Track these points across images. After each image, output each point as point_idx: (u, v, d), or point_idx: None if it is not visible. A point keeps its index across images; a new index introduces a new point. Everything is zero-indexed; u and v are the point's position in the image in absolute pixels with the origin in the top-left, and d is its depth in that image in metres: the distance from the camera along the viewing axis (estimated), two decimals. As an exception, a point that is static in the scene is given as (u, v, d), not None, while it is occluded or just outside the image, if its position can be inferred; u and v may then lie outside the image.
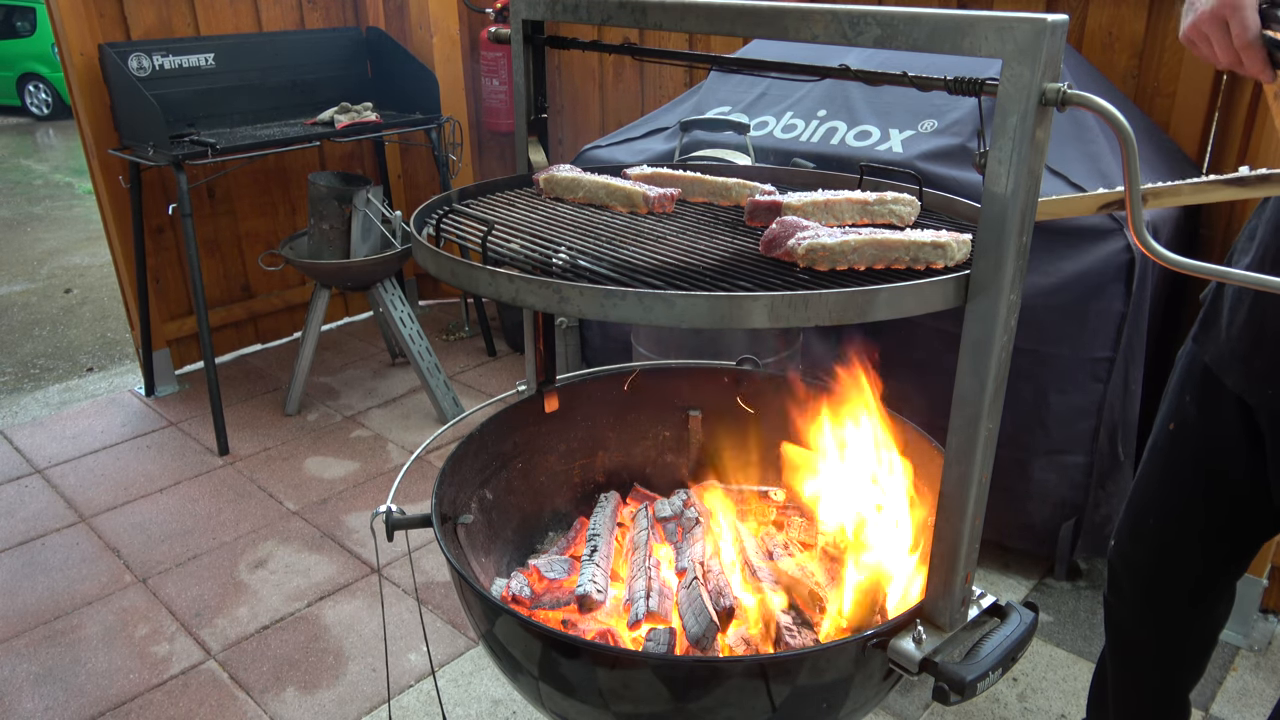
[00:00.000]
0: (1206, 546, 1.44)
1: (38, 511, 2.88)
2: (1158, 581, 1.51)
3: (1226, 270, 0.87)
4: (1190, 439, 1.40)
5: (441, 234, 1.17)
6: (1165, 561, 1.49)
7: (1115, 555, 1.56)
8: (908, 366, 2.40)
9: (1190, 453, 1.41)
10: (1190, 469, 1.41)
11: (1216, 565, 1.46)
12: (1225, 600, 1.53)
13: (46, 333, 4.55)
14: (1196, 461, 1.40)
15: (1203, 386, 1.36)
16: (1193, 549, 1.45)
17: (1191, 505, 1.42)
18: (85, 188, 7.60)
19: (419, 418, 3.44)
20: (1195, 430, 1.39)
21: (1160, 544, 1.48)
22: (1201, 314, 1.37)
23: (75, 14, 3.11)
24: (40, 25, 11.19)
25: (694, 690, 1.10)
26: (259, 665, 2.23)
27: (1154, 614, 1.54)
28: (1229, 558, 1.46)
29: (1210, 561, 1.46)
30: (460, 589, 1.27)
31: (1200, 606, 1.51)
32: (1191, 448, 1.40)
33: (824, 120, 2.50)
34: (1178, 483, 1.43)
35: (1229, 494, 1.38)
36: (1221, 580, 1.49)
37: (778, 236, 1.05)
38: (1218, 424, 1.35)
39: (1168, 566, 1.49)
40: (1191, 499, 1.42)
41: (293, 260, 3.21)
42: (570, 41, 1.35)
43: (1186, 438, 1.41)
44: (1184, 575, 1.48)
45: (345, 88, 3.73)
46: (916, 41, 0.88)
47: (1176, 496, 1.44)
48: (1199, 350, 1.37)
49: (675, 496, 1.63)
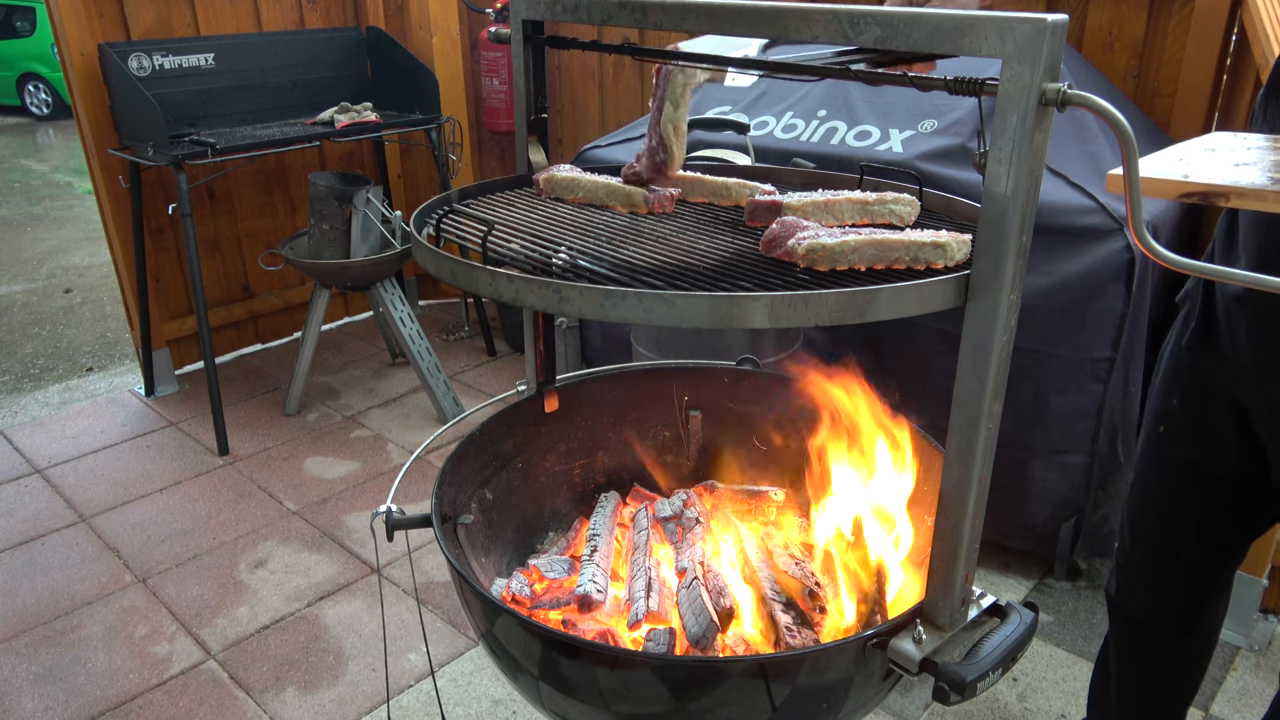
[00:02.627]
0: (1204, 543, 1.47)
1: (38, 511, 2.88)
2: (1160, 578, 1.54)
3: (1228, 270, 0.87)
4: (1180, 442, 1.43)
5: (441, 234, 1.17)
6: (1165, 558, 1.52)
7: (1120, 554, 1.59)
8: (908, 366, 2.40)
9: (1181, 453, 1.43)
10: (1182, 469, 1.44)
11: (1214, 561, 1.49)
12: (1225, 595, 1.56)
13: (46, 333, 4.55)
14: (1188, 463, 1.43)
15: (1194, 391, 1.39)
16: (1191, 546, 1.48)
17: (1186, 504, 1.45)
18: (85, 188, 7.60)
19: (419, 418, 3.44)
20: (1185, 433, 1.42)
21: (1159, 542, 1.51)
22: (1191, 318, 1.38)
23: (75, 14, 3.11)
24: (40, 25, 11.19)
25: (694, 690, 1.09)
26: (259, 665, 2.23)
27: (1158, 610, 1.56)
28: (1225, 552, 1.49)
29: (1208, 557, 1.49)
30: (460, 589, 1.27)
31: (1203, 602, 1.53)
32: (1182, 450, 1.43)
33: (824, 120, 2.50)
34: (1170, 482, 1.46)
35: (1223, 491, 1.40)
36: (1221, 574, 1.52)
37: (778, 236, 1.05)
38: (1209, 427, 1.37)
39: (1168, 563, 1.52)
40: (1185, 498, 1.45)
41: (293, 260, 3.21)
42: (570, 41, 1.35)
43: (1176, 439, 1.44)
44: (1184, 572, 1.51)
45: (345, 88, 3.74)
46: (917, 42, 0.88)
47: (1170, 496, 1.47)
48: (1189, 355, 1.39)
49: (675, 496, 1.63)
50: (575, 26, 3.10)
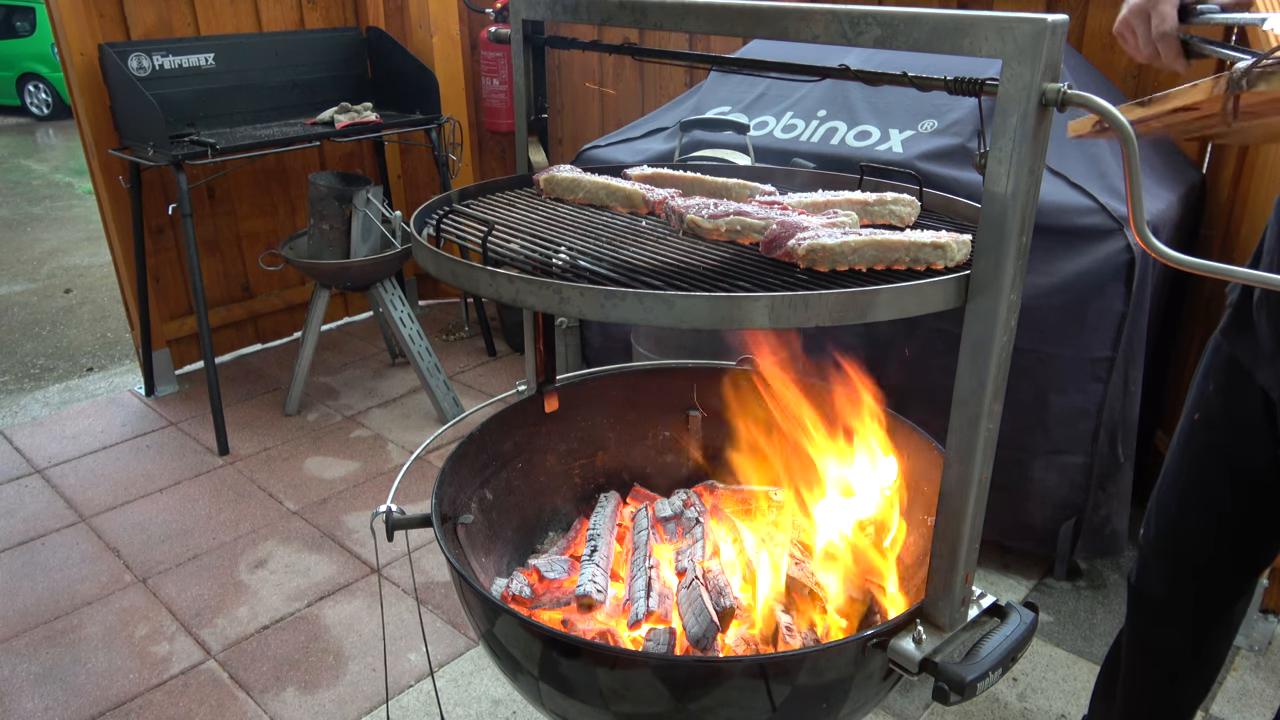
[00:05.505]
0: (1229, 536, 1.46)
1: (38, 511, 2.88)
2: (1181, 568, 1.53)
3: (1229, 268, 0.87)
4: (1214, 428, 1.42)
5: (441, 234, 1.17)
6: (1188, 547, 1.50)
7: (1143, 539, 1.58)
8: (908, 366, 2.40)
9: (1213, 441, 1.43)
10: (1213, 457, 1.43)
11: (1236, 555, 1.48)
12: (1245, 597, 1.55)
13: (46, 333, 4.55)
14: (1219, 450, 1.42)
15: (1228, 378, 1.39)
16: (1216, 538, 1.47)
17: (1214, 492, 1.44)
18: (85, 188, 7.60)
19: (419, 418, 3.44)
20: (1219, 420, 1.41)
21: (1184, 529, 1.50)
22: (1232, 310, 1.38)
23: (75, 14, 3.11)
24: (40, 25, 11.18)
25: (694, 690, 1.10)
26: (259, 665, 2.23)
27: (1176, 601, 1.55)
28: (1248, 548, 1.48)
29: (1231, 551, 1.47)
30: (460, 589, 1.27)
31: (1222, 598, 1.52)
32: (1214, 436, 1.43)
33: (824, 120, 2.50)
34: (1201, 471, 1.46)
35: (1250, 483, 1.39)
36: (1242, 573, 1.50)
37: (778, 237, 1.05)
38: (1241, 414, 1.37)
39: (1190, 553, 1.50)
40: (1215, 486, 1.44)
41: (293, 260, 3.21)
42: (570, 41, 1.35)
43: (1210, 427, 1.43)
44: (1207, 566, 1.49)
45: (345, 88, 3.73)
46: (917, 41, 0.88)
47: (1200, 484, 1.46)
48: (1224, 342, 1.39)
49: (675, 496, 1.63)
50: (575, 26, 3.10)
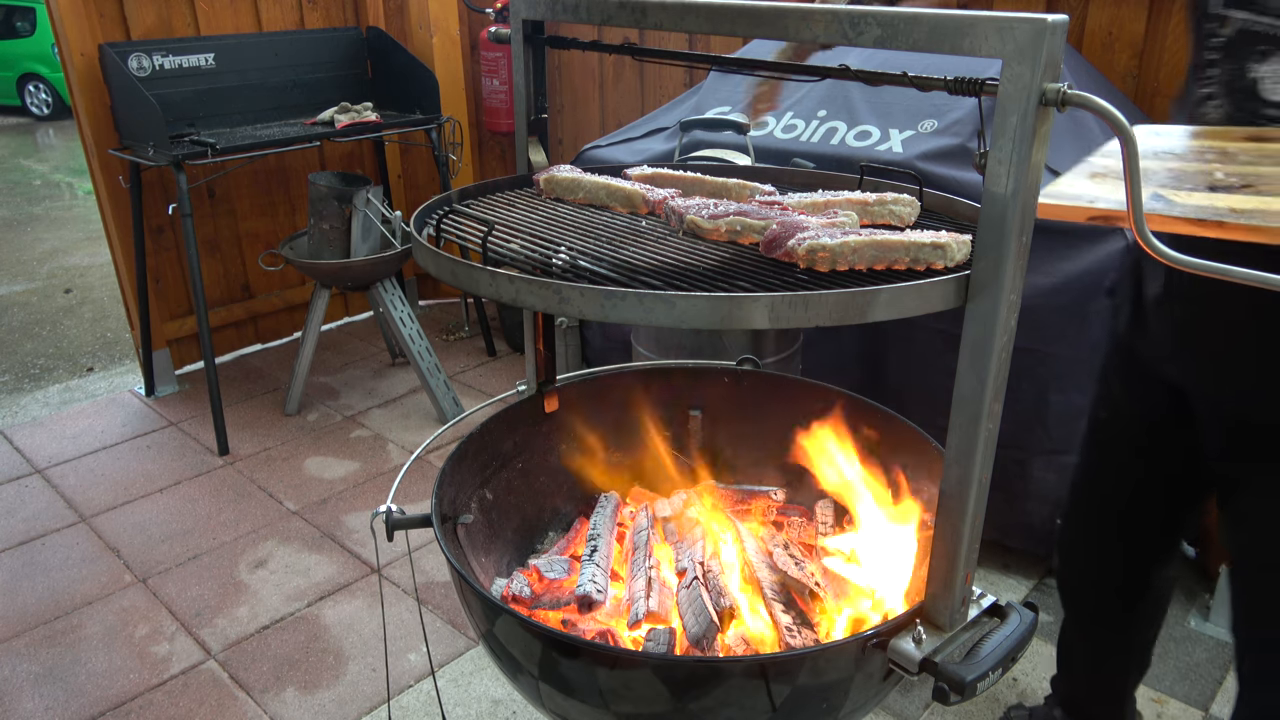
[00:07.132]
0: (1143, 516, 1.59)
1: (38, 511, 2.88)
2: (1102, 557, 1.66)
3: (1229, 268, 0.87)
4: (1120, 420, 1.55)
5: (441, 234, 1.17)
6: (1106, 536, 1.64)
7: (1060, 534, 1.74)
8: (908, 366, 2.40)
9: (1120, 432, 1.55)
10: (1122, 448, 1.57)
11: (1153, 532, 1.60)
12: (1169, 565, 1.66)
13: (46, 333, 4.55)
14: (1127, 440, 1.55)
15: (1130, 371, 1.50)
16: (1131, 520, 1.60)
17: (1125, 479, 1.58)
18: (85, 188, 7.61)
19: (419, 418, 3.44)
20: (1125, 413, 1.54)
21: (1100, 519, 1.64)
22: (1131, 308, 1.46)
23: (75, 14, 3.11)
24: (40, 25, 11.19)
25: (694, 690, 1.09)
26: (259, 665, 2.23)
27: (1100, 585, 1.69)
28: (1165, 524, 1.60)
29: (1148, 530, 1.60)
30: (460, 589, 1.27)
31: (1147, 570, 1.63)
32: (1121, 427, 1.55)
33: (824, 120, 2.50)
34: (1111, 461, 1.60)
35: (1160, 467, 1.52)
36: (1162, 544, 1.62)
37: (778, 237, 1.05)
38: (1146, 406, 1.48)
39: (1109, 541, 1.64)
40: (1125, 474, 1.57)
41: (293, 260, 3.21)
42: (570, 41, 1.35)
43: (1117, 419, 1.56)
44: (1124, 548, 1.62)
45: (345, 88, 3.73)
46: (917, 42, 0.88)
47: (1111, 473, 1.60)
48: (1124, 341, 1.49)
49: (675, 496, 1.63)
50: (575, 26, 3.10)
